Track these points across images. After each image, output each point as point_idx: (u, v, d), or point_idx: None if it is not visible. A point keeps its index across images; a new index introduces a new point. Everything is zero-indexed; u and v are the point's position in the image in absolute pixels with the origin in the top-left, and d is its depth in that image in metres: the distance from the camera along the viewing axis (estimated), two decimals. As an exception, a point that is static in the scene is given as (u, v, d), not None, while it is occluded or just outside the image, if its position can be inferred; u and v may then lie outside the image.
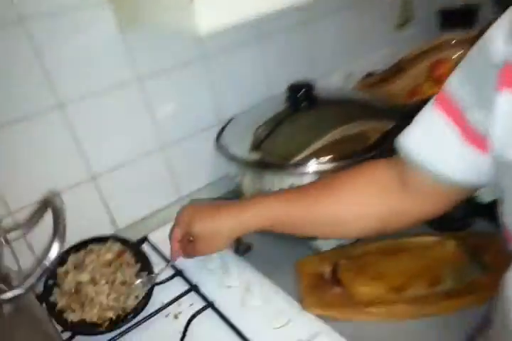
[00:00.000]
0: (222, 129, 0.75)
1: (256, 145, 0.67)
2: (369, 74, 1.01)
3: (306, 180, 0.59)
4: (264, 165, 0.64)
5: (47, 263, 0.28)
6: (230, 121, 0.77)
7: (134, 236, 0.71)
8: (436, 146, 0.40)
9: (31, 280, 0.27)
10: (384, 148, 0.61)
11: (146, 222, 0.75)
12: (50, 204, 0.32)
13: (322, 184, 0.52)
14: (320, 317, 0.53)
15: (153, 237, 0.72)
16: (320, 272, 0.58)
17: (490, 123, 0.34)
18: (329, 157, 0.60)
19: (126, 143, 0.70)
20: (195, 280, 0.61)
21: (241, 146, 0.68)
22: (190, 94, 0.74)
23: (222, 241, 0.53)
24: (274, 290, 0.58)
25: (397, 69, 0.97)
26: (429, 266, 0.56)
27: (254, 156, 0.65)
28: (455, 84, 0.38)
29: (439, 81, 0.90)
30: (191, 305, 0.58)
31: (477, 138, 0.36)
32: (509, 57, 0.32)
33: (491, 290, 0.49)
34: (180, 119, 0.75)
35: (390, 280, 0.55)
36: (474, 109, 0.35)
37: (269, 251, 0.68)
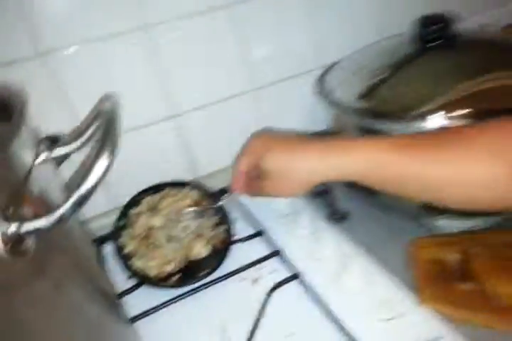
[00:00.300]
0: (326, 72, 0.63)
1: (367, 93, 0.54)
2: (509, 26, 0.80)
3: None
4: (378, 115, 0.50)
5: (85, 188, 0.18)
6: (335, 63, 0.64)
7: (214, 185, 0.62)
8: None
9: (62, 211, 0.18)
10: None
11: (228, 172, 0.66)
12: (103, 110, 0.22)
13: (454, 132, 0.38)
14: (442, 316, 0.40)
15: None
16: (443, 259, 0.45)
17: None
18: (465, 111, 0.45)
19: (214, 81, 0.61)
20: (279, 244, 0.51)
21: (347, 93, 0.55)
22: (290, 29, 0.62)
23: (298, 184, 0.41)
24: (379, 271, 0.46)
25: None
26: None
27: (364, 105, 0.52)
28: None
29: None
30: (273, 272, 0.49)
31: None
32: None
33: None
34: (277, 59, 0.64)
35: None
36: None
37: (371, 223, 0.55)
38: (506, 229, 0.47)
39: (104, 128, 0.20)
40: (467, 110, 0.45)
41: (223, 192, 0.62)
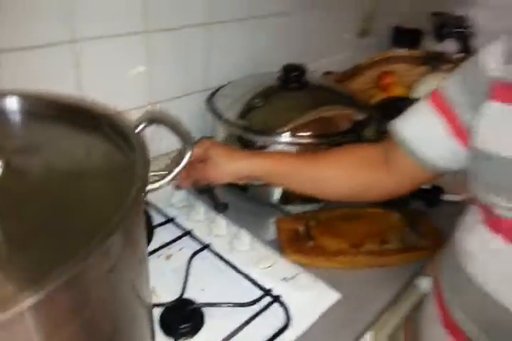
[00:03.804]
0: (213, 94, 0.82)
1: (245, 113, 0.75)
2: (326, 73, 1.15)
3: (285, 148, 0.71)
4: (252, 130, 0.72)
5: (179, 168, 0.34)
6: (221, 87, 0.84)
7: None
8: (426, 136, 0.47)
9: (169, 177, 0.33)
10: (354, 136, 0.74)
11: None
12: (155, 121, 0.38)
13: (322, 153, 0.61)
14: (298, 263, 0.64)
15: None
16: (295, 228, 0.70)
17: (475, 122, 0.40)
18: (308, 133, 0.71)
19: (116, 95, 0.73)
20: (185, 227, 0.68)
21: (230, 111, 0.76)
22: (186, 55, 0.81)
23: (227, 173, 0.59)
24: (256, 240, 0.68)
25: (352, 73, 1.12)
26: (380, 230, 0.70)
27: (243, 122, 0.73)
28: (450, 86, 0.45)
29: (384, 89, 1.07)
30: (181, 249, 0.65)
31: (462, 132, 0.43)
32: (499, 75, 0.39)
33: (425, 251, 0.66)
34: (175, 78, 0.81)
35: (350, 237, 0.68)
36: (464, 108, 0.43)
37: (244, 211, 0.77)
38: (330, 209, 0.75)
39: (175, 131, 0.36)
40: (309, 132, 0.70)
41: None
